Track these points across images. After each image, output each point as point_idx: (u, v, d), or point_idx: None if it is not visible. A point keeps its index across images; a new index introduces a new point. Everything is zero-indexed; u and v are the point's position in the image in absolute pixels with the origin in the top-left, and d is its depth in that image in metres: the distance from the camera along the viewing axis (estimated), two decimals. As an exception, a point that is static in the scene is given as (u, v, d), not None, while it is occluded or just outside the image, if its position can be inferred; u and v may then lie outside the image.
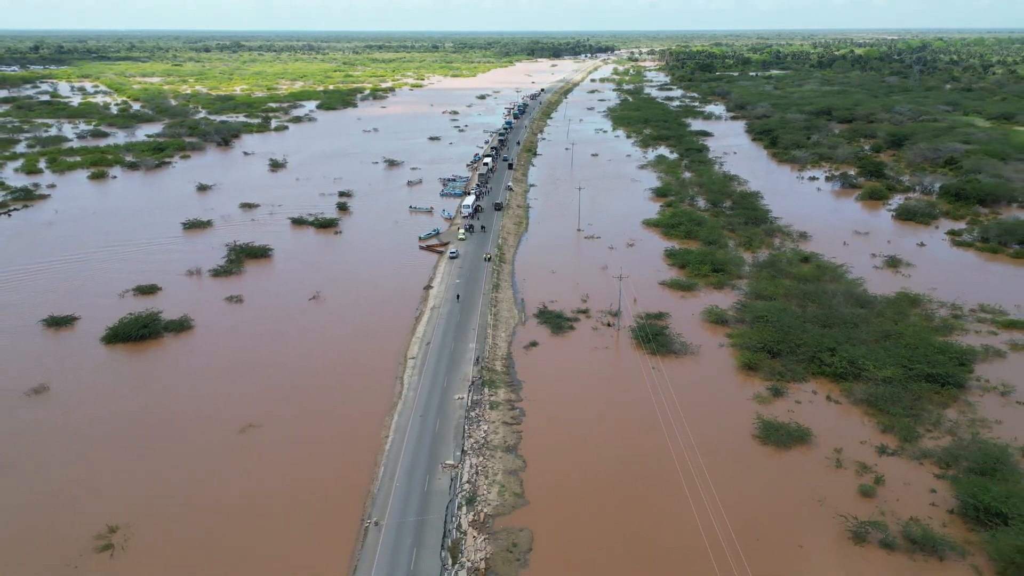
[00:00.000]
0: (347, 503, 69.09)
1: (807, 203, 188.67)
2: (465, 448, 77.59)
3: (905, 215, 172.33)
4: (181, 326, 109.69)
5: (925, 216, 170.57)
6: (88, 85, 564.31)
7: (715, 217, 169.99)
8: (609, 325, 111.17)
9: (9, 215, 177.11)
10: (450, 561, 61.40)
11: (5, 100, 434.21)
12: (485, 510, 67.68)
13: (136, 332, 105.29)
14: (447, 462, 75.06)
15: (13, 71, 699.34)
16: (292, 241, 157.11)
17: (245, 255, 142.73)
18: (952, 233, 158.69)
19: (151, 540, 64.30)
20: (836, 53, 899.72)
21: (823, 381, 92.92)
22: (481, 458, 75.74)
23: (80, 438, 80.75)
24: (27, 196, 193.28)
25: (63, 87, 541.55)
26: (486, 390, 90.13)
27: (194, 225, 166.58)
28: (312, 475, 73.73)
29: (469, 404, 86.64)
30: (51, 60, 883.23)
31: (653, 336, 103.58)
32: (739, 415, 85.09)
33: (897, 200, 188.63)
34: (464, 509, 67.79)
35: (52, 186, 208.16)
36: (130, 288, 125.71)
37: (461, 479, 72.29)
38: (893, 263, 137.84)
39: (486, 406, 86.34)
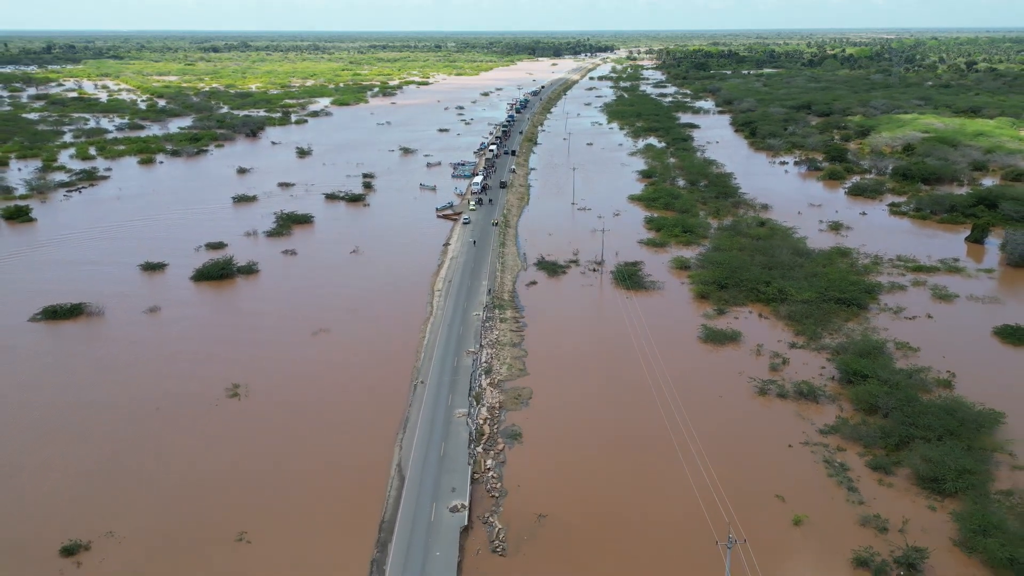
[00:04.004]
0: (399, 372, 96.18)
1: (774, 182, 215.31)
2: (482, 344, 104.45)
3: (856, 191, 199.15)
4: (250, 270, 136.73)
5: (873, 192, 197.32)
6: (110, 83, 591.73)
7: (691, 193, 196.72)
8: (594, 271, 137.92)
9: (80, 192, 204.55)
10: (475, 403, 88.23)
11: (37, 97, 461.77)
12: (498, 377, 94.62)
13: (217, 273, 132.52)
14: (469, 349, 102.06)
15: (32, 70, 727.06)
16: (328, 212, 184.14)
17: (291, 221, 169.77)
18: (892, 205, 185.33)
19: (264, 392, 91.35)
20: (828, 52, 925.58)
21: (758, 305, 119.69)
22: (494, 349, 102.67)
23: (193, 335, 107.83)
24: (90, 177, 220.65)
25: (87, 85, 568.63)
26: (496, 311, 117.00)
27: (242, 199, 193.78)
28: (372, 357, 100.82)
29: (484, 318, 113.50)
30: (65, 59, 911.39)
31: (628, 277, 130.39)
32: (689, 327, 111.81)
33: (855, 180, 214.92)
34: (484, 376, 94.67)
35: (108, 170, 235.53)
36: (201, 244, 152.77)
37: (480, 360, 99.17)
38: (835, 226, 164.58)
39: (497, 320, 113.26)
